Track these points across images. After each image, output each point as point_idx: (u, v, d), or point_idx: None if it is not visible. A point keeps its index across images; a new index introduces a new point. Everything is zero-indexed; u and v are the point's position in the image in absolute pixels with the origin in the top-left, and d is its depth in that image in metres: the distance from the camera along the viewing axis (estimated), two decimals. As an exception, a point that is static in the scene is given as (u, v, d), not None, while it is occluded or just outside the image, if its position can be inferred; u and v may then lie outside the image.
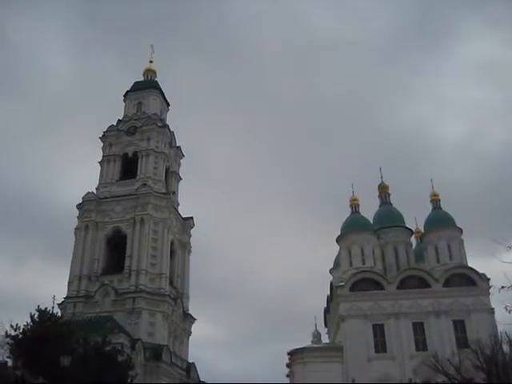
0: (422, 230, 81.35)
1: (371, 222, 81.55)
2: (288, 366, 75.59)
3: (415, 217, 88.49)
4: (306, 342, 76.24)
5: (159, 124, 73.02)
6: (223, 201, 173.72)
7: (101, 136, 72.62)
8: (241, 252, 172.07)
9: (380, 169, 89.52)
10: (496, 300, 54.40)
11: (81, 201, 66.57)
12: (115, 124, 73.67)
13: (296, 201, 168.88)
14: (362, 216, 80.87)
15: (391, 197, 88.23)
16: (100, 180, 69.66)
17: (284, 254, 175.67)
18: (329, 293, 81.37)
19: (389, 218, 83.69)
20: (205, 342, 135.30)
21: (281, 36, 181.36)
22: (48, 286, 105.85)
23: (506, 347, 46.14)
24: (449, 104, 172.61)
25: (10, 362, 34.35)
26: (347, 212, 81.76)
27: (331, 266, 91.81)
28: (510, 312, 16.71)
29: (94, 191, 67.93)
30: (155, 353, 55.51)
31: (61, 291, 62.63)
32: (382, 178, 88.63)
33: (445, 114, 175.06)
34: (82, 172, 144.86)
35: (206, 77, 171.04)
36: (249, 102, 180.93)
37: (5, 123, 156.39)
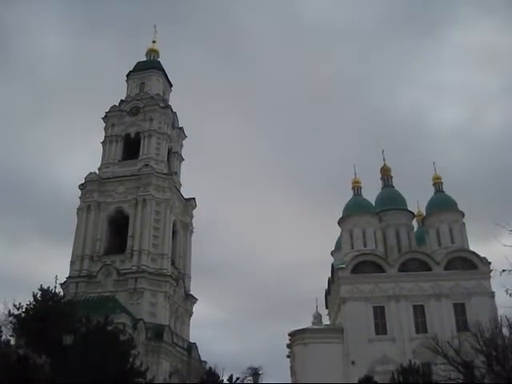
0: (424, 213, 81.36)
1: (373, 204, 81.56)
2: (288, 346, 76.04)
3: (417, 200, 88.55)
4: (307, 323, 76.69)
5: (162, 105, 72.77)
6: (224, 183, 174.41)
7: (103, 116, 72.41)
8: (241, 233, 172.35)
9: (382, 151, 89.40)
10: (497, 284, 54.62)
11: (83, 181, 66.52)
12: (117, 104, 73.43)
13: (298, 183, 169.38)
14: (364, 198, 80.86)
15: (393, 179, 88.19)
16: (102, 160, 69.57)
17: (285, 236, 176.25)
18: (330, 275, 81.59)
19: (391, 200, 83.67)
20: (205, 323, 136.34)
21: (280, 20, 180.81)
22: (48, 266, 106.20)
23: (505, 331, 46.28)
24: (447, 89, 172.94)
25: (13, 341, 34.60)
26: (349, 194, 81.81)
27: (333, 249, 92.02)
28: (510, 295, 16.73)
29: (97, 172, 67.85)
30: (157, 332, 55.86)
31: (61, 271, 62.96)
32: (384, 160, 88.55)
33: (443, 98, 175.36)
34: (81, 153, 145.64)
35: (207, 60, 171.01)
36: (249, 86, 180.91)
37: (3, 106, 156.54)
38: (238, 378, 54.40)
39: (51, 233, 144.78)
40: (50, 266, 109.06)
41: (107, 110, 72.70)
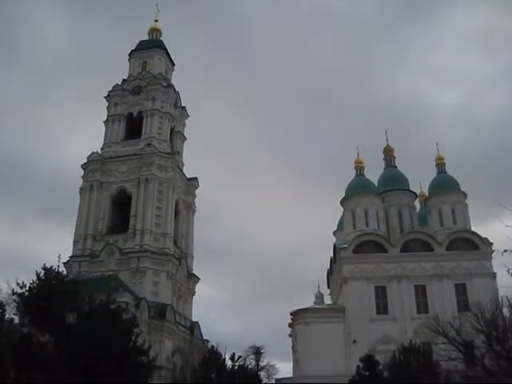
0: (427, 194, 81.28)
1: (376, 184, 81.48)
2: (290, 326, 76.45)
3: (420, 180, 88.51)
4: (309, 303, 77.03)
5: (164, 84, 72.42)
6: (225, 164, 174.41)
7: (105, 96, 72.13)
8: (243, 214, 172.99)
9: (385, 132, 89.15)
10: (498, 265, 54.75)
11: (85, 161, 66.45)
12: (120, 84, 73.07)
13: (301, 164, 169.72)
14: (367, 179, 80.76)
15: (396, 160, 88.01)
16: (105, 140, 69.43)
17: (287, 217, 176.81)
18: (332, 255, 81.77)
19: (393, 180, 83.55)
20: (207, 302, 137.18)
21: (280, 7, 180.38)
22: (50, 246, 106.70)
23: (506, 311, 46.46)
24: (446, 72, 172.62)
25: (16, 319, 34.83)
26: (352, 175, 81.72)
27: (335, 229, 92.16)
28: (511, 275, 16.78)
29: (99, 151, 67.74)
30: (159, 311, 56.19)
31: (64, 251, 63.20)
32: (387, 140, 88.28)
33: (442, 82, 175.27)
34: (82, 135, 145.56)
35: (208, 41, 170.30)
36: (250, 68, 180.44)
37: (5, 88, 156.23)
38: (240, 357, 54.76)
39: (53, 213, 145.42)
40: (52, 246, 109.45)
41: (110, 90, 72.37)
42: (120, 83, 73.12)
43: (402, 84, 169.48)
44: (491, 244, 66.82)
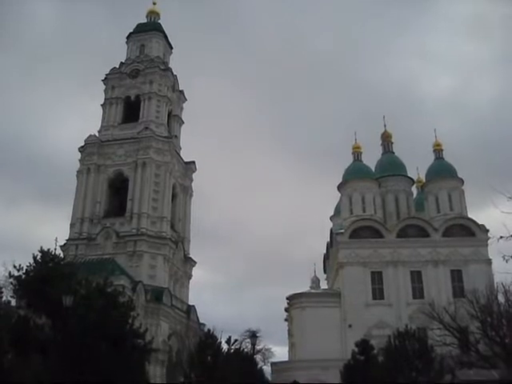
0: (424, 180, 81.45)
1: (373, 170, 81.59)
2: (286, 310, 76.88)
3: (417, 166, 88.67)
4: (305, 287, 77.35)
5: (162, 67, 71.99)
6: (222, 148, 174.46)
7: (103, 79, 71.72)
8: (240, 198, 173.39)
9: (383, 117, 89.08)
10: (494, 251, 54.96)
11: (83, 144, 66.25)
12: (118, 67, 72.61)
13: (299, 149, 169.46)
14: (364, 164, 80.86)
15: (394, 146, 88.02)
16: (102, 123, 69.09)
17: (285, 201, 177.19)
18: (329, 240, 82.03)
19: (391, 166, 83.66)
20: (203, 287, 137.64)
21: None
22: (46, 229, 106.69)
23: (501, 298, 46.71)
24: (439, 58, 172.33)
25: (13, 302, 34.89)
26: (349, 160, 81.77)
27: (332, 213, 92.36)
28: (507, 261, 16.83)
29: (96, 134, 67.50)
30: (156, 295, 56.31)
31: (59, 234, 63.29)
32: (385, 126, 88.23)
33: (435, 67, 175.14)
34: (77, 118, 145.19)
35: (207, 25, 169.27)
36: (249, 53, 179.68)
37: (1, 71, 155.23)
38: (236, 341, 55.04)
39: (49, 196, 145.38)
40: (49, 230, 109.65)
41: (107, 73, 71.98)
42: (118, 66, 72.67)
43: (395, 70, 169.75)
44: (487, 231, 67.10)
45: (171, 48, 78.92)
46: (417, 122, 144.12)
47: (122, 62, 73.33)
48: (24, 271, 32.59)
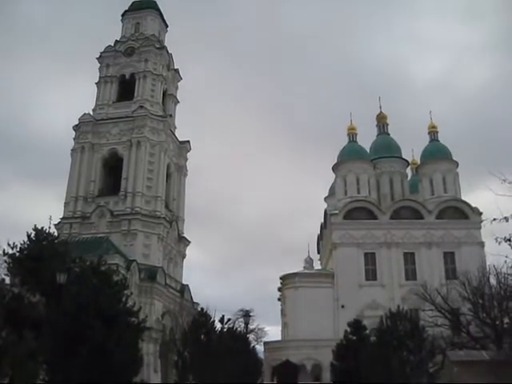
0: (419, 162, 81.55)
1: (368, 151, 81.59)
2: (280, 290, 77.27)
3: (412, 148, 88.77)
4: (299, 268, 77.68)
5: (157, 45, 71.47)
6: (216, 128, 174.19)
7: (98, 57, 71.15)
8: (234, 178, 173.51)
9: (379, 98, 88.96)
10: (487, 234, 55.32)
11: (77, 122, 65.92)
12: (112, 45, 72.01)
13: (294, 129, 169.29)
14: (359, 145, 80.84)
15: (389, 127, 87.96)
16: (96, 101, 68.68)
17: (280, 181, 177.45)
18: (323, 220, 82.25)
19: (386, 148, 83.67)
20: (197, 266, 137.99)
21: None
22: (40, 207, 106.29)
23: (493, 280, 47.04)
24: (430, 41, 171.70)
25: (7, 280, 34.91)
26: (345, 141, 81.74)
27: (326, 194, 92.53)
28: (499, 244, 16.90)
29: (91, 113, 67.16)
30: (150, 274, 56.46)
31: (53, 213, 62.85)
32: (380, 107, 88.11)
33: (426, 50, 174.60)
34: (73, 96, 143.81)
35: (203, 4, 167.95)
36: (243, 35, 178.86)
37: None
38: (229, 320, 55.32)
39: (43, 175, 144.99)
40: (41, 210, 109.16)
41: (102, 51, 71.40)
42: (112, 44, 72.09)
43: (386, 53, 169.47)
44: (481, 213, 67.46)
45: (166, 26, 78.30)
46: (411, 104, 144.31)
47: (116, 40, 72.74)
48: (18, 249, 32.62)
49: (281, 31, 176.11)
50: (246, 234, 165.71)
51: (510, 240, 16.45)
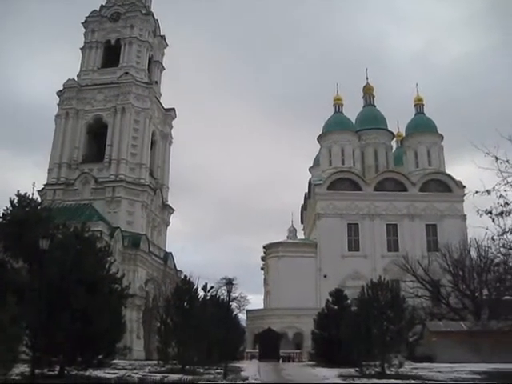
0: (404, 134, 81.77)
1: (353, 122, 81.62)
2: (263, 259, 77.76)
3: (398, 120, 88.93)
4: (282, 237, 78.18)
5: (143, 11, 70.39)
6: (200, 97, 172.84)
7: (83, 21, 69.96)
8: (217, 146, 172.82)
9: (366, 70, 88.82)
10: (469, 208, 55.81)
11: (61, 88, 65.07)
12: (98, 10, 70.80)
13: (280, 100, 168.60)
14: (345, 116, 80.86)
15: (375, 99, 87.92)
16: (81, 67, 67.66)
17: (265, 151, 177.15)
18: (307, 190, 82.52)
19: (371, 119, 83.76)
20: (178, 234, 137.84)
21: None
22: (22, 174, 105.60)
23: (473, 252, 47.70)
24: (408, 16, 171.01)
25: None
26: (331, 111, 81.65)
27: (311, 165, 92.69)
28: (481, 216, 17.14)
29: (75, 78, 66.26)
30: (133, 241, 56.43)
31: (37, 179, 62.50)
32: (367, 79, 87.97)
33: (404, 25, 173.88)
34: (57, 62, 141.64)
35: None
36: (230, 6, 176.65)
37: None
38: (212, 287, 55.58)
39: (24, 142, 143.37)
40: (24, 176, 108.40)
41: (87, 15, 70.21)
42: (98, 9, 70.88)
43: (367, 27, 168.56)
44: (464, 187, 67.99)
45: (153, -9, 76.96)
46: (397, 77, 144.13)
47: (102, 5, 71.54)
48: (1, 215, 32.48)
49: (269, 9, 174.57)
50: (229, 203, 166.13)
51: (491, 212, 16.67)
